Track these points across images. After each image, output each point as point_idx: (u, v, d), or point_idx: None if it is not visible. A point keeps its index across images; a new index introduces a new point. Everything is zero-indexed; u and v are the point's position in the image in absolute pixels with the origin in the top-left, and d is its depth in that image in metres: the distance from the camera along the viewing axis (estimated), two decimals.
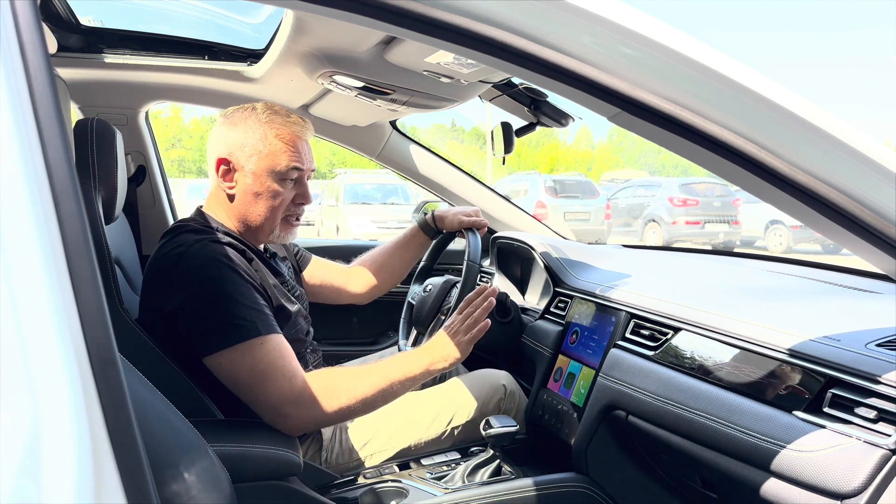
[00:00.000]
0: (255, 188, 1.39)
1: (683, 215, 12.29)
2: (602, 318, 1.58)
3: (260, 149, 1.38)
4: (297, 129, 1.41)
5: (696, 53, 0.72)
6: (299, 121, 1.43)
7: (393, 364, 1.35)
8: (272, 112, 1.41)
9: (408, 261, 1.89)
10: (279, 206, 1.42)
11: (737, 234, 12.51)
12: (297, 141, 1.41)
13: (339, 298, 1.89)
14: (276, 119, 1.40)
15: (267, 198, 1.40)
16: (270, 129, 1.39)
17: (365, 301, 1.91)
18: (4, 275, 0.46)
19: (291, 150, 1.39)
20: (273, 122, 1.39)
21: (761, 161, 0.78)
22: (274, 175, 1.39)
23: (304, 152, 1.43)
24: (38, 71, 0.51)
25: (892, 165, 0.75)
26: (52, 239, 0.49)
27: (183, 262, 1.28)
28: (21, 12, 0.51)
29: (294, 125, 1.41)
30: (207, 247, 1.30)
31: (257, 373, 1.23)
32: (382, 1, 0.68)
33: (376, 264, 1.88)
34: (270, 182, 1.39)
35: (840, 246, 0.88)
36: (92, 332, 0.50)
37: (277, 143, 1.38)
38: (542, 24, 0.71)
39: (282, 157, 1.38)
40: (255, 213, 1.41)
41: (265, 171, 1.38)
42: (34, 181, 0.49)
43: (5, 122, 0.48)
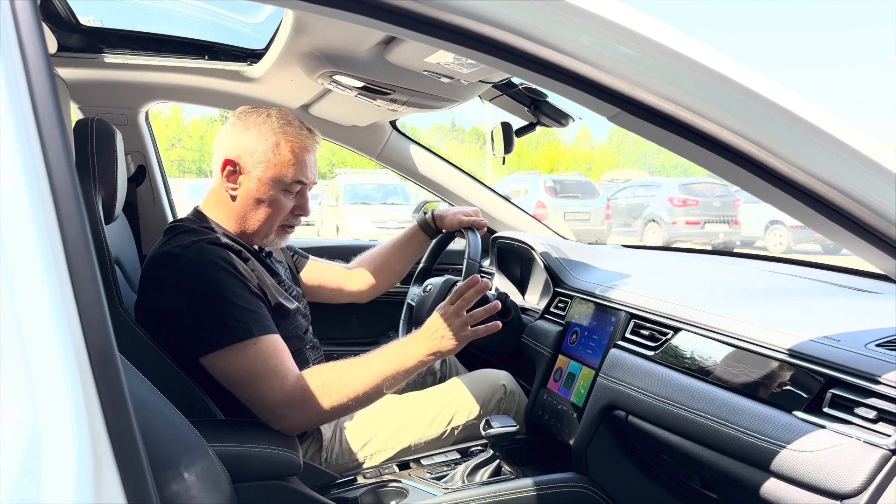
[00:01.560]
0: (258, 194, 1.40)
1: (683, 215, 12.29)
2: (602, 318, 1.58)
3: (269, 157, 1.39)
4: (308, 142, 1.43)
5: (695, 53, 0.72)
6: (311, 135, 1.44)
7: (386, 357, 1.30)
8: (286, 122, 1.41)
9: (407, 260, 1.89)
10: (278, 215, 1.43)
11: (737, 235, 12.51)
12: (306, 154, 1.42)
13: (339, 298, 1.89)
14: (290, 130, 1.41)
15: (268, 206, 1.41)
16: (284, 140, 1.39)
17: (365, 300, 1.91)
18: (4, 275, 0.46)
19: (299, 163, 1.41)
20: (287, 133, 1.40)
21: (761, 161, 0.78)
22: (279, 185, 1.40)
23: (310, 166, 1.44)
24: (38, 71, 0.51)
25: (892, 166, 0.75)
26: (52, 239, 0.49)
27: (178, 263, 1.29)
28: (21, 12, 0.51)
29: (306, 139, 1.43)
30: (203, 248, 1.30)
31: (251, 373, 1.23)
32: (382, 1, 0.68)
33: (375, 263, 1.89)
34: (274, 192, 1.40)
35: (840, 246, 0.88)
36: (92, 332, 0.50)
37: (288, 154, 1.39)
38: (542, 24, 0.71)
39: (289, 170, 1.40)
40: (254, 218, 1.42)
41: (271, 180, 1.39)
42: (34, 181, 0.49)
43: (5, 122, 0.48)
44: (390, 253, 1.89)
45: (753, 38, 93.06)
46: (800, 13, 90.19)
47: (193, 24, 2.01)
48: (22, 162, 0.48)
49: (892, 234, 0.79)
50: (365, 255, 1.93)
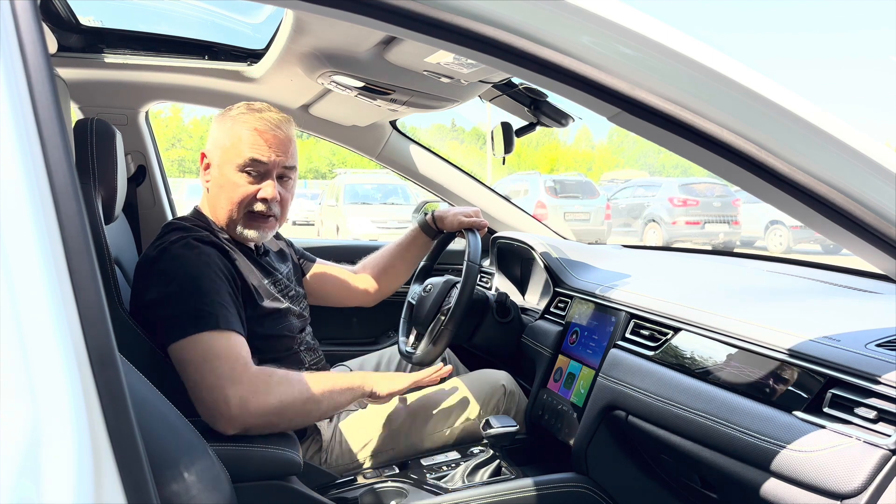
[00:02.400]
0: (219, 180, 1.41)
1: (683, 215, 12.28)
2: (602, 318, 1.58)
3: (224, 142, 1.39)
4: (266, 121, 1.39)
5: (696, 53, 0.72)
6: (272, 115, 1.41)
7: (335, 376, 1.40)
8: (248, 109, 1.41)
9: (411, 262, 1.89)
10: (239, 199, 1.39)
11: (737, 235, 12.50)
12: (265, 134, 1.38)
13: (345, 301, 1.88)
14: (248, 114, 1.40)
15: (227, 190, 1.40)
16: (237, 124, 1.39)
17: (370, 304, 1.91)
18: (4, 275, 0.46)
19: (253, 143, 1.37)
20: (242, 117, 1.40)
21: (761, 161, 0.78)
22: (233, 166, 1.38)
23: (273, 146, 1.39)
24: (38, 71, 0.51)
25: (892, 166, 0.75)
26: (52, 239, 0.49)
27: (163, 257, 1.31)
28: (21, 12, 0.51)
29: (264, 119, 1.39)
30: (188, 244, 1.32)
31: (208, 358, 1.21)
32: (382, 1, 0.68)
33: (379, 267, 1.88)
34: (231, 173, 1.39)
35: (840, 246, 0.88)
36: (92, 332, 0.50)
37: (242, 134, 1.38)
38: (542, 24, 0.71)
39: (242, 149, 1.37)
40: (220, 206, 1.42)
41: (227, 163, 1.39)
42: (34, 181, 0.49)
43: (5, 122, 0.48)
44: (393, 256, 1.88)
45: (753, 38, 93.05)
46: (800, 13, 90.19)
47: (193, 24, 2.01)
48: (22, 162, 0.48)
49: (892, 234, 0.79)
50: (368, 259, 1.93)
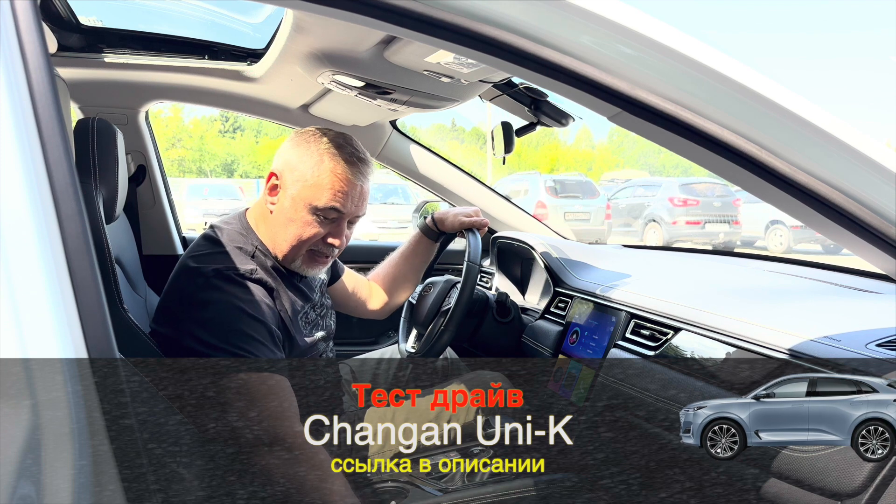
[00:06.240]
0: (290, 213, 1.35)
1: (684, 215, 12.28)
2: (602, 318, 1.58)
3: (306, 176, 1.33)
4: (353, 170, 1.35)
5: (696, 53, 0.72)
6: (359, 163, 1.37)
7: None
8: (337, 145, 1.35)
9: (418, 268, 1.85)
10: (307, 239, 1.37)
11: (737, 235, 12.49)
12: (348, 183, 1.35)
13: (359, 313, 1.84)
14: (338, 154, 1.34)
15: (298, 227, 1.35)
16: (325, 160, 1.34)
17: (383, 317, 1.86)
18: (4, 275, 0.46)
19: (337, 191, 1.34)
20: (333, 156, 1.34)
21: (762, 161, 0.78)
22: (310, 208, 1.34)
23: (352, 196, 1.36)
24: (38, 71, 0.51)
25: (892, 166, 0.75)
26: (52, 239, 0.49)
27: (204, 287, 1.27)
28: (21, 12, 0.51)
29: (352, 166, 1.35)
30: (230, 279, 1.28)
31: None
32: (382, 1, 0.68)
33: (388, 278, 1.83)
34: (305, 213, 1.34)
35: (840, 246, 0.88)
36: (92, 332, 0.50)
37: (327, 178, 1.33)
38: (542, 23, 0.71)
39: (324, 194, 1.33)
40: (283, 238, 1.37)
41: (304, 200, 1.34)
42: (34, 181, 0.49)
43: (5, 122, 0.48)
44: (399, 265, 1.85)
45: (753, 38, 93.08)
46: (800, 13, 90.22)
47: (193, 23, 2.01)
48: (22, 162, 0.48)
49: (892, 234, 0.79)
50: (375, 271, 1.89)
